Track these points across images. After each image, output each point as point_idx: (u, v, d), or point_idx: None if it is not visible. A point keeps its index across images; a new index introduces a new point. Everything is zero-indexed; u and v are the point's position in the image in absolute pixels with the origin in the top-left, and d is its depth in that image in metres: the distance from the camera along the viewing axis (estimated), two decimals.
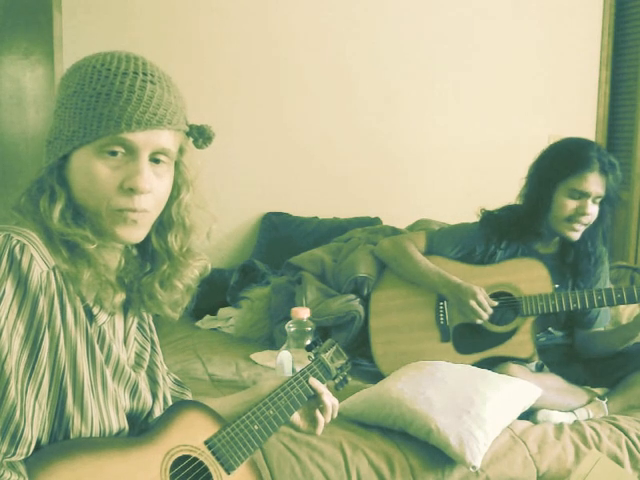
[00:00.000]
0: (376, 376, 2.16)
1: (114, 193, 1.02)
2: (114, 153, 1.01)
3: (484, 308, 2.11)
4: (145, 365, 1.19)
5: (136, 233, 1.05)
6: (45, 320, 0.96)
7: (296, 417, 1.34)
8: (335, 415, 1.37)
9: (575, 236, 2.13)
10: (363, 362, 2.36)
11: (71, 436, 0.99)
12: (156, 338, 1.25)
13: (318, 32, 3.44)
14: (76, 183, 1.03)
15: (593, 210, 2.11)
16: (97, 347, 1.04)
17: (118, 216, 1.03)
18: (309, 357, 1.44)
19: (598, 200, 2.12)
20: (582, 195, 2.09)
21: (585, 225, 2.12)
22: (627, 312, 2.50)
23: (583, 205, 2.09)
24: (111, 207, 1.02)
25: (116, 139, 1.00)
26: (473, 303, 2.11)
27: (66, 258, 1.00)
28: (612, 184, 2.10)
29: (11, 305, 0.93)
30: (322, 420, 1.34)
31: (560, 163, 2.13)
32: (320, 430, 1.34)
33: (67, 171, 1.04)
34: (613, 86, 3.75)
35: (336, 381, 1.45)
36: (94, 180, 1.01)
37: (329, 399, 1.34)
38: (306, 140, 3.47)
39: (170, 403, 1.23)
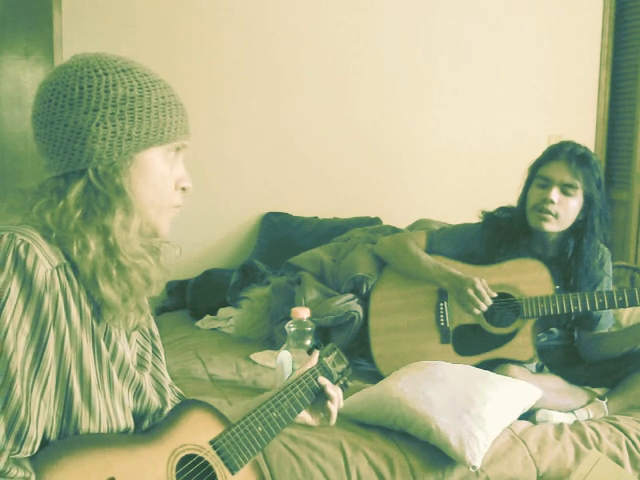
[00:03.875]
0: (376, 376, 2.16)
1: (173, 191, 1.12)
2: (172, 155, 1.11)
3: (481, 297, 2.10)
4: (148, 367, 1.20)
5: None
6: (50, 319, 0.97)
7: (307, 417, 1.37)
8: (341, 405, 1.40)
9: (545, 226, 2.12)
10: (363, 362, 2.36)
11: (80, 433, 1.00)
12: (160, 345, 1.25)
13: (318, 32, 3.44)
14: (143, 182, 1.06)
15: (564, 201, 2.11)
16: (103, 345, 1.05)
17: (172, 212, 1.13)
18: None
19: (571, 191, 2.10)
20: (547, 182, 2.12)
21: (554, 216, 2.11)
22: (627, 312, 2.49)
23: (547, 192, 2.11)
24: (172, 204, 1.12)
25: (181, 144, 1.12)
26: (471, 292, 2.10)
27: (114, 282, 1.03)
28: (585, 177, 2.10)
29: (16, 304, 0.93)
30: (334, 410, 1.37)
31: (537, 159, 2.21)
32: (334, 420, 1.38)
33: (123, 172, 1.04)
34: (613, 86, 3.75)
35: (337, 385, 1.46)
36: (165, 179, 1.10)
37: (333, 390, 1.38)
38: (306, 140, 3.47)
39: None
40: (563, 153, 2.13)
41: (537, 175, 2.16)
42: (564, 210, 2.11)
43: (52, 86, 1.04)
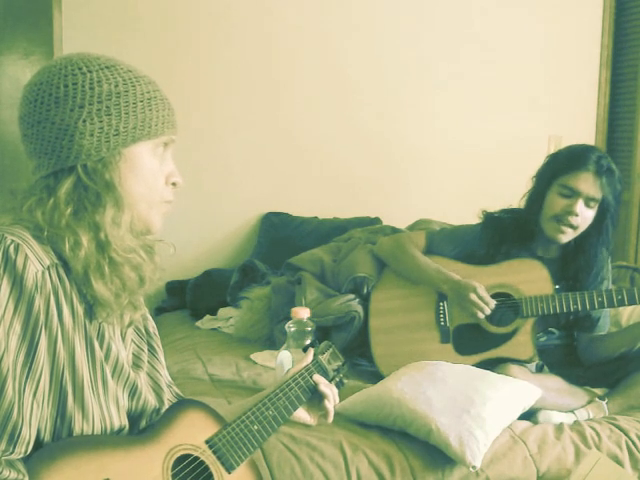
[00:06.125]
0: (376, 376, 2.16)
1: (164, 186, 1.12)
2: (160, 151, 1.11)
3: (486, 302, 2.10)
4: (144, 366, 1.19)
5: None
6: (42, 319, 0.96)
7: (305, 416, 1.36)
8: (337, 402, 1.40)
9: (561, 238, 2.10)
10: (363, 362, 2.36)
11: (74, 434, 1.00)
12: (157, 345, 1.25)
13: (318, 32, 3.44)
14: (133, 176, 1.06)
15: (585, 213, 2.08)
16: (97, 344, 1.05)
17: (164, 207, 1.12)
18: None
19: (592, 204, 2.08)
20: (573, 193, 2.07)
21: (573, 228, 2.09)
22: (627, 312, 2.49)
23: (572, 204, 2.06)
24: (163, 199, 1.12)
25: (169, 139, 1.12)
26: (474, 297, 2.09)
27: (106, 279, 1.03)
28: (609, 190, 2.07)
29: (7, 305, 0.93)
30: (331, 408, 1.37)
31: (558, 162, 2.14)
32: (331, 418, 1.37)
33: (112, 167, 1.04)
34: (613, 86, 3.75)
35: (332, 383, 1.46)
36: (155, 174, 1.10)
37: (327, 388, 1.37)
38: (306, 140, 3.47)
39: None
40: (591, 164, 2.06)
41: (560, 183, 2.09)
42: (584, 222, 2.10)
43: (37, 86, 1.05)
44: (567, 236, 2.11)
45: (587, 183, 2.06)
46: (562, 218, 2.08)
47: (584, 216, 2.09)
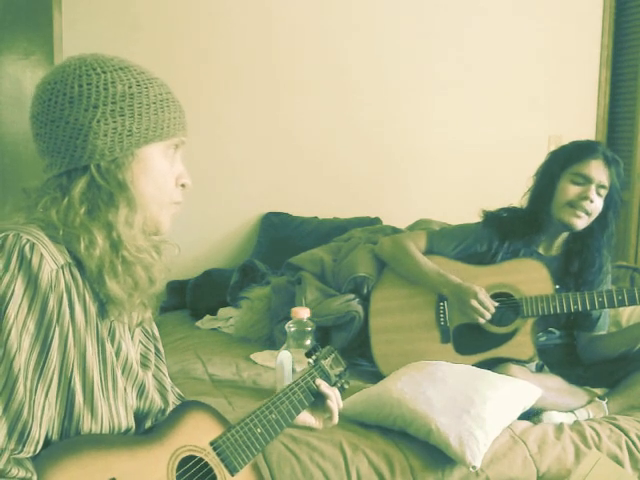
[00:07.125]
0: (376, 376, 2.16)
1: (174, 188, 1.13)
2: (171, 152, 1.12)
3: (486, 307, 2.10)
4: (151, 366, 1.20)
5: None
6: (55, 319, 0.97)
7: (310, 420, 1.39)
8: (340, 404, 1.41)
9: (577, 223, 2.12)
10: (363, 362, 2.36)
11: (81, 433, 1.00)
12: (160, 347, 1.26)
13: (318, 32, 3.44)
14: (144, 177, 1.07)
15: (596, 200, 2.11)
16: (108, 344, 1.05)
17: (173, 208, 1.14)
18: (309, 363, 1.45)
19: (602, 192, 2.12)
20: (585, 180, 2.11)
21: (587, 214, 2.11)
22: (627, 312, 2.49)
23: (586, 190, 2.10)
24: (172, 200, 1.13)
25: (180, 141, 1.13)
26: (474, 302, 2.10)
27: (120, 277, 1.04)
28: (615, 180, 2.12)
29: (21, 304, 0.93)
30: (334, 408, 1.38)
31: (566, 154, 2.18)
32: (335, 419, 1.40)
33: (125, 167, 1.05)
34: (613, 86, 3.75)
35: (335, 387, 1.47)
36: (165, 175, 1.11)
37: (329, 389, 1.39)
38: (306, 140, 3.47)
39: None
40: (599, 153, 2.12)
41: (572, 171, 2.13)
42: (595, 209, 2.13)
43: (51, 85, 1.05)
44: (582, 221, 2.12)
45: (599, 170, 2.11)
46: (576, 205, 2.11)
47: (595, 204, 2.12)
